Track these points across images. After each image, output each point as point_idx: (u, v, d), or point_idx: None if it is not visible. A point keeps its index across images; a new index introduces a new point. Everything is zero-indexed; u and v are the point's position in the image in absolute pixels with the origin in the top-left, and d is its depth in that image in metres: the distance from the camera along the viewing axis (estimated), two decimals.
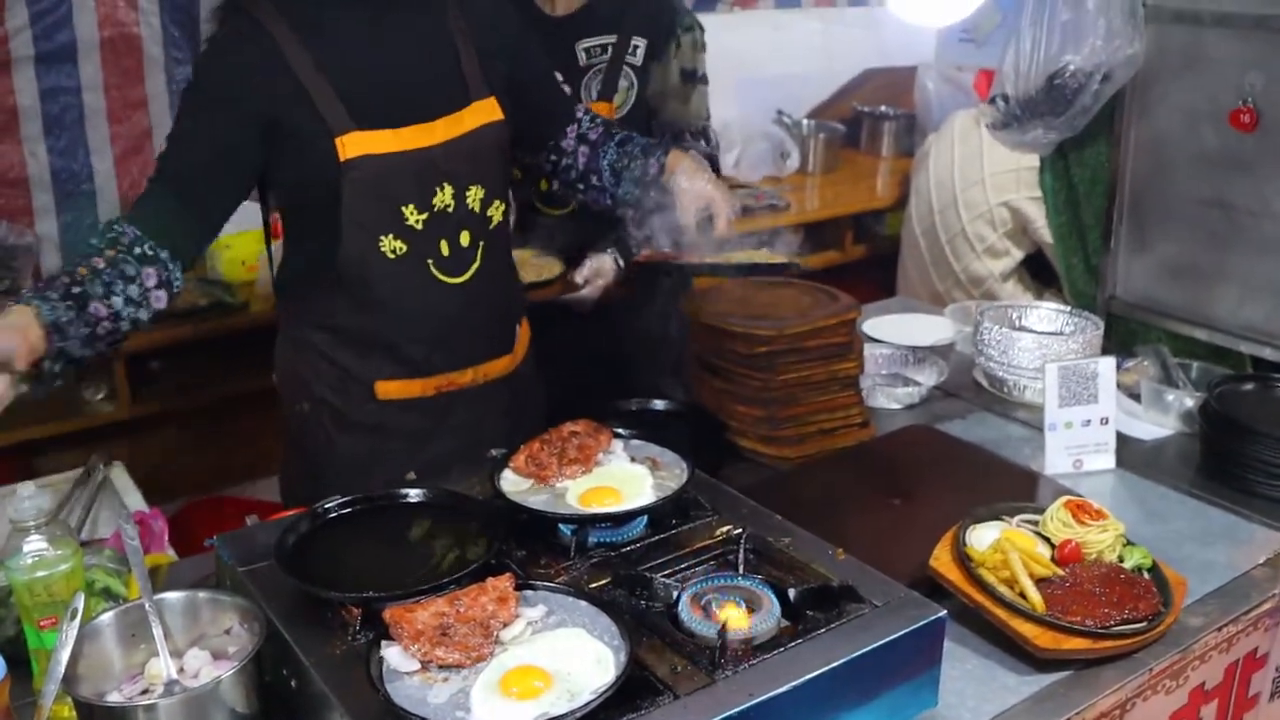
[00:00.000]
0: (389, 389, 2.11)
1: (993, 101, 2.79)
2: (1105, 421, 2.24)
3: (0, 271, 3.33)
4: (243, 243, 3.77)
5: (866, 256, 5.08)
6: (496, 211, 2.12)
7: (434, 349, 2.11)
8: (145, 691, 1.48)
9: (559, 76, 2.34)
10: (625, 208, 2.22)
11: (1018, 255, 4.02)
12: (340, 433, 2.15)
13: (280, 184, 2.05)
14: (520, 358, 2.30)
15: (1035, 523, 1.87)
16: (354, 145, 1.93)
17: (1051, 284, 4.09)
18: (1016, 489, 2.15)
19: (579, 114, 2.30)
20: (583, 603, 1.46)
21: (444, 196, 2.02)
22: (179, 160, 1.94)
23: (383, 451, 2.14)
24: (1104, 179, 2.88)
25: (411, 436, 2.15)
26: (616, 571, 1.58)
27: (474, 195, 2.06)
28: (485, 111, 2.07)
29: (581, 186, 2.28)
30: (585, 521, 1.65)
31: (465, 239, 2.07)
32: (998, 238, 3.98)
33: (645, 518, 1.71)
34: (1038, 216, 3.70)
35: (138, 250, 1.83)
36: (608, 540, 1.67)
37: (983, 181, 3.95)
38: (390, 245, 1.99)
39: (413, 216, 1.99)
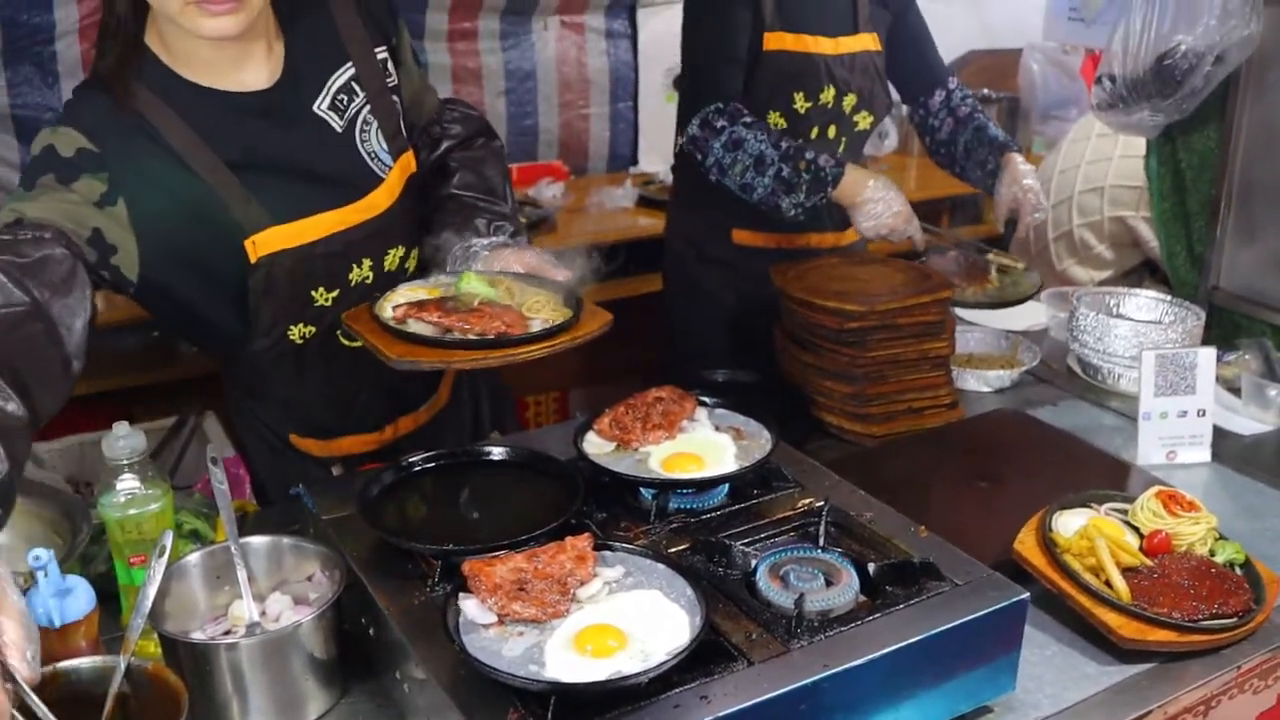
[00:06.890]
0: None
1: (1099, 81, 2.70)
2: (1202, 414, 2.16)
3: None
4: None
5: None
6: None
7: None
8: (228, 633, 1.51)
9: None
10: None
11: (1123, 266, 3.87)
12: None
13: None
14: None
15: (1124, 512, 1.83)
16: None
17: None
18: (1107, 478, 2.08)
19: None
20: (660, 566, 1.46)
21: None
22: None
23: None
24: (1212, 165, 2.78)
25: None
26: (696, 538, 1.58)
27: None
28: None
29: None
30: (666, 486, 1.65)
31: None
32: (1104, 249, 3.82)
33: (726, 486, 1.70)
34: (1151, 237, 3.53)
35: None
36: (688, 506, 1.67)
37: (1102, 190, 3.78)
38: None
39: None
